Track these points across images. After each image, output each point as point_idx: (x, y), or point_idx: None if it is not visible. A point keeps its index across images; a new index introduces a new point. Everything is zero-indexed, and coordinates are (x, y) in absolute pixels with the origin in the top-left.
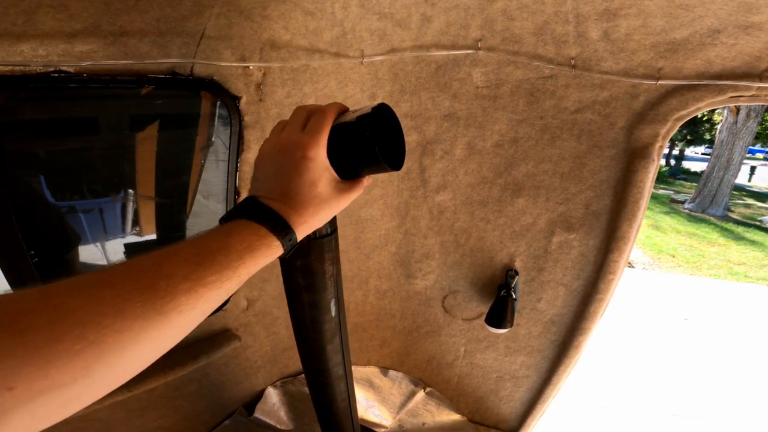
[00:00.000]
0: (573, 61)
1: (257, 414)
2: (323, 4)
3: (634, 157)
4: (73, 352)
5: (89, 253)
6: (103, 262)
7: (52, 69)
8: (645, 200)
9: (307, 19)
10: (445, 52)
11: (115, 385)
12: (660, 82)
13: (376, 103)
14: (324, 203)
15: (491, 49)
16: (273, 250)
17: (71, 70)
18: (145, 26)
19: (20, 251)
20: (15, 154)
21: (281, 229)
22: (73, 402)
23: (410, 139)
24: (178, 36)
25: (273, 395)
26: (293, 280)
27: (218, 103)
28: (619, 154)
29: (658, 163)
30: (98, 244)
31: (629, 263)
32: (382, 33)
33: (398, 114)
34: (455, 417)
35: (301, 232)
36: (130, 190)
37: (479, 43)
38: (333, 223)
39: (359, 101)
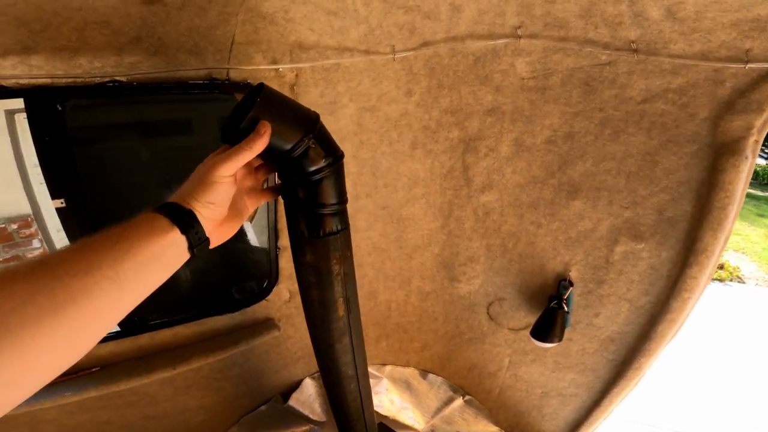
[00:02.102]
0: (634, 45)
1: (292, 402)
2: (344, 3)
3: (721, 153)
4: None
5: None
6: None
7: (107, 79)
8: (735, 206)
9: (331, 18)
10: (482, 43)
11: (49, 351)
12: (750, 65)
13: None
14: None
15: (534, 36)
16: (158, 221)
17: (124, 79)
18: (179, 36)
19: None
20: (84, 157)
21: (168, 206)
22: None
23: (452, 135)
24: (211, 44)
25: (309, 386)
26: (304, 276)
27: None
28: (702, 150)
29: (753, 161)
30: None
31: (740, 278)
32: (411, 27)
33: (438, 109)
34: (492, 429)
35: (191, 202)
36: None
37: (518, 30)
38: (343, 220)
39: (395, 98)
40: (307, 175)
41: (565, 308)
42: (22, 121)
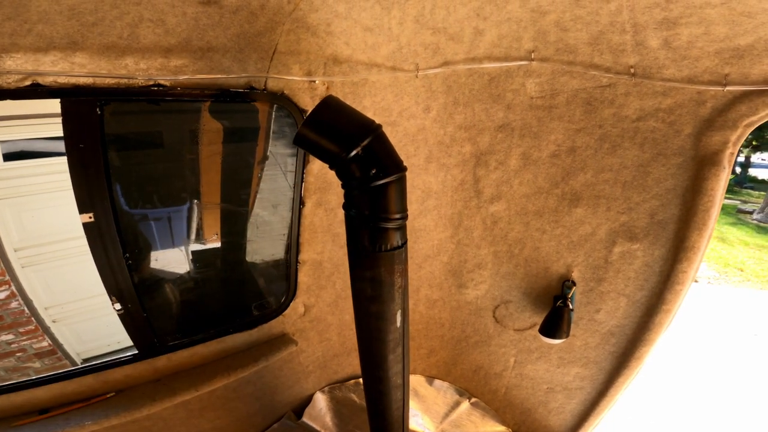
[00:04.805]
0: (632, 70)
1: (305, 418)
2: (381, 20)
3: (703, 164)
4: None
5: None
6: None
7: (152, 83)
8: (716, 209)
9: (366, 34)
10: (498, 64)
11: None
12: (728, 88)
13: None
14: None
15: (545, 60)
16: None
17: (167, 83)
18: (227, 42)
19: (117, 254)
20: (118, 167)
21: None
22: None
23: (464, 150)
24: (255, 51)
25: (321, 400)
26: (361, 290)
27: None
28: (687, 162)
29: (729, 170)
30: (182, 248)
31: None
32: (435, 47)
33: (453, 125)
34: (499, 428)
35: None
36: (211, 200)
37: (532, 54)
38: (404, 234)
39: (414, 114)
40: (363, 181)
41: (570, 306)
42: None
